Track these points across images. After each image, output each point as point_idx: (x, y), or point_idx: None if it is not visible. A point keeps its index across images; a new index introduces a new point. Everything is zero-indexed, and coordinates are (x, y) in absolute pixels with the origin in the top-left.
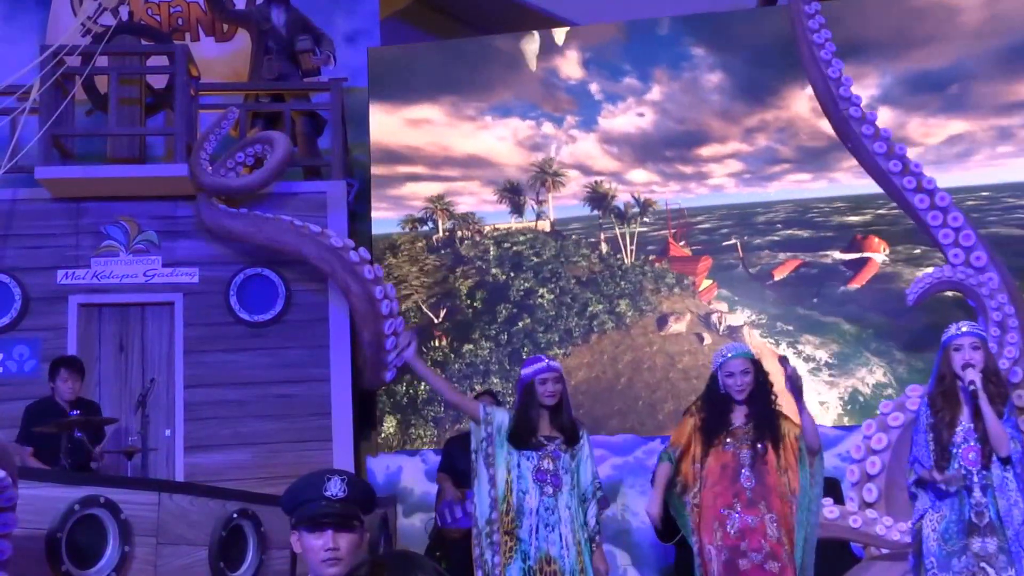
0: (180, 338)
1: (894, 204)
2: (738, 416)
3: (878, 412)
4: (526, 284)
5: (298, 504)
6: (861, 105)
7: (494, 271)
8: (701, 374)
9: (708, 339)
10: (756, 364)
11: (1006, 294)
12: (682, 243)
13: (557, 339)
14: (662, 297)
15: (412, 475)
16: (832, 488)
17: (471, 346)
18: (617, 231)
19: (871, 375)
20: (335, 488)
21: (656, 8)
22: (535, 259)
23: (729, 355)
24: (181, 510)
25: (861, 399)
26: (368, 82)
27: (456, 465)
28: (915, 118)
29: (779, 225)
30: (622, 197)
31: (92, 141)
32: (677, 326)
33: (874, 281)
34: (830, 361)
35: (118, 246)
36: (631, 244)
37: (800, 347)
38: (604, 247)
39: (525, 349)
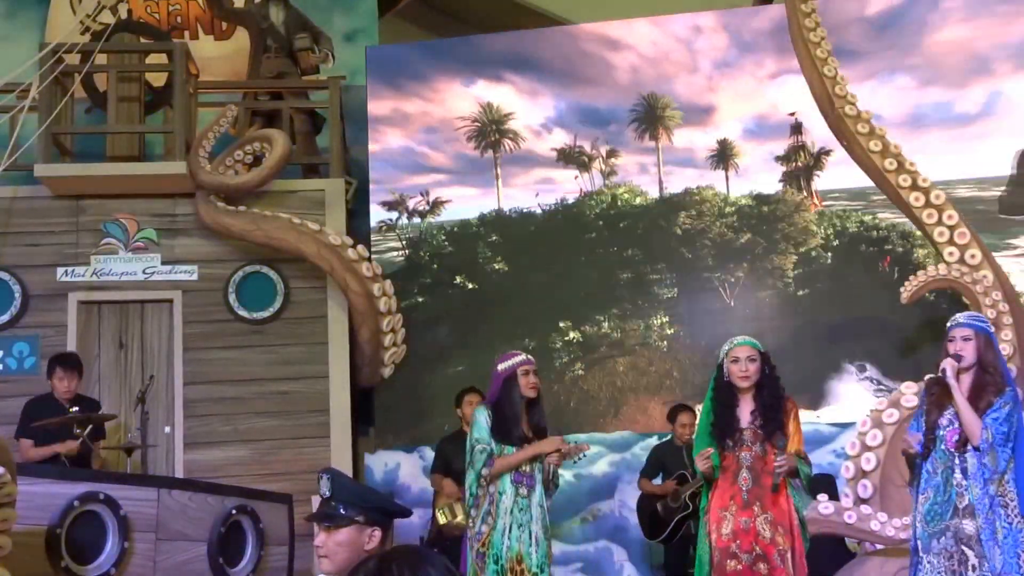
0: (179, 335)
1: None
2: (744, 413)
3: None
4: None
5: None
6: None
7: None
8: None
9: None
10: (764, 356)
11: (1000, 291)
12: None
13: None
14: None
15: (410, 471)
16: (827, 484)
17: None
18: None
19: None
20: (322, 487)
21: (657, 7)
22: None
23: (736, 342)
24: (180, 506)
25: None
26: (366, 80)
27: (452, 465)
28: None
29: None
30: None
31: (91, 139)
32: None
33: None
34: None
35: (117, 243)
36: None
37: None
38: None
39: None
